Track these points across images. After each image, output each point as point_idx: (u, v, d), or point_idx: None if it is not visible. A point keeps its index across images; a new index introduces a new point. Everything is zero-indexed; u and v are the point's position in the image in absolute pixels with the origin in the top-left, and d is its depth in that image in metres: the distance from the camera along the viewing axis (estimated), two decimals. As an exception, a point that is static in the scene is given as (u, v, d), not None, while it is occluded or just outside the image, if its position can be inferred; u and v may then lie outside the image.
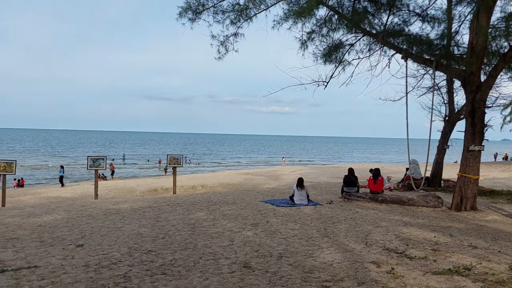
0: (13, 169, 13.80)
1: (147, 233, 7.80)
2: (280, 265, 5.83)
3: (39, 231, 8.01)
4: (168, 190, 22.27)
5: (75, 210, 10.72)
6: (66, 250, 6.56)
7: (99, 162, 15.53)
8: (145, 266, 5.72)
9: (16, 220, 9.15)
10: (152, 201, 12.27)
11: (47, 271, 5.48)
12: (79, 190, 22.29)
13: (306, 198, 11.68)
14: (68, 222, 8.98)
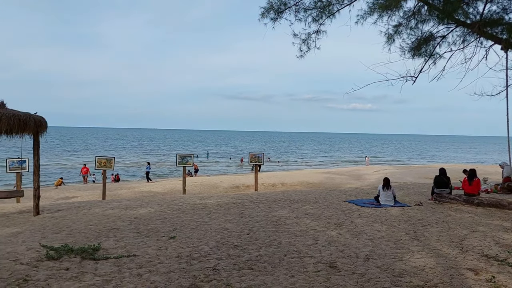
0: (112, 165, 15.11)
1: (232, 228, 8.05)
2: (368, 267, 5.66)
3: (135, 223, 8.67)
4: (249, 187, 22.75)
5: (166, 204, 11.41)
6: (160, 242, 7.01)
7: (186, 159, 16.37)
8: (233, 260, 5.91)
9: (116, 212, 10.00)
10: (235, 198, 12.63)
11: (144, 260, 5.91)
12: (168, 186, 23.67)
13: (392, 199, 11.19)
14: (160, 215, 9.60)
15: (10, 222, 9.03)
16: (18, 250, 6.52)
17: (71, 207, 10.97)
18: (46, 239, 7.33)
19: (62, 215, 9.70)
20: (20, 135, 9.93)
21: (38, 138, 10.02)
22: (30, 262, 5.82)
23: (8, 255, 6.20)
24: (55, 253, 6.13)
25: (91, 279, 5.06)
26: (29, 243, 6.97)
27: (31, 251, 6.47)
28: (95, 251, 6.30)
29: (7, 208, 11.39)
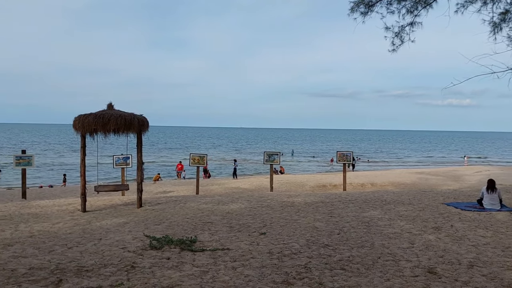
0: (205, 161, 15.88)
1: (322, 228, 7.98)
2: (472, 275, 5.23)
3: (227, 218, 9.01)
4: (336, 186, 22.35)
5: (255, 200, 11.68)
6: (252, 237, 7.20)
7: (273, 157, 16.59)
8: (324, 259, 5.86)
9: (209, 207, 10.49)
10: (323, 197, 12.49)
11: (237, 254, 6.12)
12: (255, 183, 24.20)
13: (498, 203, 10.20)
14: (250, 211, 9.85)
15: (118, 213, 9.95)
16: (125, 238, 7.16)
17: (169, 201, 11.75)
18: (148, 229, 7.95)
19: (162, 208, 10.43)
20: (125, 134, 10.88)
21: (141, 137, 10.89)
22: (136, 250, 6.35)
23: (117, 243, 6.84)
24: (157, 243, 6.62)
25: (190, 269, 5.37)
26: (134, 233, 7.62)
27: (136, 240, 7.06)
28: (192, 243, 6.67)
29: (114, 200, 12.56)
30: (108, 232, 7.76)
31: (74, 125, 10.21)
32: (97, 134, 10.69)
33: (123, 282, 4.85)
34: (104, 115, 10.03)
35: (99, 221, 8.86)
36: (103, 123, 10.03)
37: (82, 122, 10.04)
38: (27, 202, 12.82)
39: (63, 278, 5.01)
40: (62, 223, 8.64)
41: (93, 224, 8.58)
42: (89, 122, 10.01)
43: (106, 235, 7.44)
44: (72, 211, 10.34)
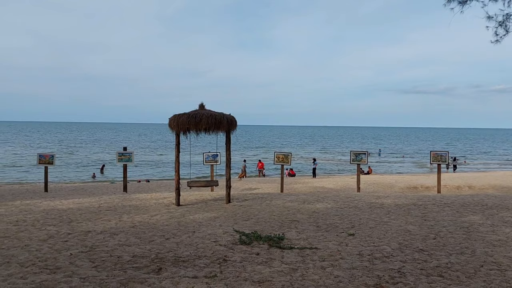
0: (289, 160, 15.95)
1: (415, 231, 7.56)
2: None
3: (314, 217, 8.96)
4: (429, 188, 21.03)
5: (342, 201, 11.46)
6: (340, 237, 7.08)
7: (361, 156, 16.10)
8: (419, 265, 5.55)
9: (295, 205, 10.52)
10: (415, 199, 11.84)
11: (326, 253, 6.06)
12: (340, 183, 23.71)
13: None
14: (337, 211, 9.69)
15: (208, 208, 10.42)
16: (217, 232, 7.48)
17: (255, 198, 12.01)
18: (237, 225, 8.21)
19: (249, 205, 10.70)
20: (215, 132, 11.35)
21: (229, 135, 11.27)
22: (227, 244, 6.60)
23: (209, 236, 7.17)
24: (247, 239, 6.82)
25: (279, 266, 5.44)
26: (224, 227, 7.92)
27: (226, 234, 7.33)
28: (280, 240, 6.75)
29: (204, 195, 13.18)
30: (201, 225, 8.17)
31: (170, 124, 10.89)
32: (190, 133, 11.29)
33: (216, 274, 5.07)
34: (197, 115, 10.56)
35: (192, 215, 9.36)
36: (195, 122, 10.57)
37: (177, 121, 10.68)
38: (128, 195, 13.99)
39: (162, 267, 5.38)
40: (159, 216, 9.28)
41: (187, 217, 9.09)
42: (183, 122, 10.61)
43: (199, 228, 7.84)
44: (167, 204, 11.06)
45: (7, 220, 8.68)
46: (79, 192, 16.57)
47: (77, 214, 9.46)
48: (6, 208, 10.62)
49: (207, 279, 4.92)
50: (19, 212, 9.80)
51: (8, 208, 10.62)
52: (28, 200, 12.52)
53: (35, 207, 10.69)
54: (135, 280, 4.84)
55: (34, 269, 5.25)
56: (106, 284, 4.71)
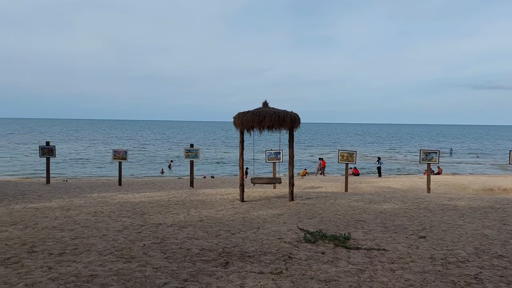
0: (354, 158, 15.58)
1: (493, 236, 7.05)
2: None
3: (381, 217, 8.68)
4: (507, 191, 19.52)
5: (410, 201, 10.98)
6: (410, 240, 6.79)
7: (431, 155, 15.31)
8: (498, 271, 5.17)
9: (360, 205, 10.27)
10: (492, 201, 11.04)
11: (395, 256, 5.84)
12: (408, 183, 22.71)
13: None
14: (406, 212, 9.30)
15: (272, 205, 10.49)
16: (281, 230, 7.51)
17: (319, 196, 11.89)
18: (301, 223, 8.18)
19: (313, 203, 10.62)
20: (278, 130, 11.38)
21: (292, 133, 11.25)
22: (292, 242, 6.60)
23: (274, 233, 7.22)
24: (312, 237, 6.77)
25: (346, 266, 5.33)
26: (288, 225, 7.93)
27: (291, 232, 7.34)
28: (346, 240, 6.62)
29: (267, 192, 13.29)
30: (265, 222, 8.25)
31: (234, 122, 11.10)
32: (253, 130, 11.43)
33: (282, 271, 5.09)
34: (260, 113, 10.66)
35: (256, 211, 9.48)
36: (259, 120, 10.68)
37: (241, 119, 10.86)
38: (194, 190, 14.49)
39: (229, 261, 5.51)
40: (224, 211, 9.51)
41: (251, 213, 9.22)
42: (247, 119, 10.77)
43: (263, 225, 7.92)
44: (232, 200, 11.30)
45: (87, 211, 9.37)
46: (149, 186, 17.43)
47: (148, 207, 9.97)
48: (85, 200, 11.46)
49: (273, 275, 4.95)
50: (97, 204, 10.53)
51: (87, 200, 11.45)
52: (104, 193, 13.41)
53: (110, 200, 11.43)
54: (203, 273, 5.00)
55: (111, 258, 5.62)
56: (177, 275, 4.91)
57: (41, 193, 13.29)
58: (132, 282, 4.63)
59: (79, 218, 8.47)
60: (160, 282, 4.65)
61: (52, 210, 9.50)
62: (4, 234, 6.94)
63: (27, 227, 7.60)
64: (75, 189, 15.09)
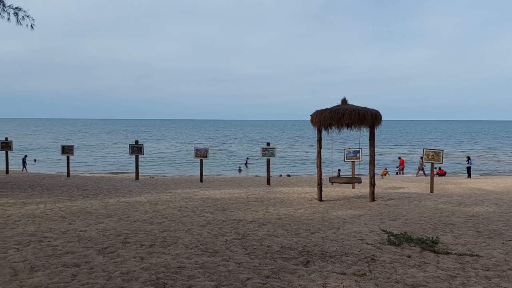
0: (440, 158, 14.63)
1: None
2: None
3: (472, 221, 8.06)
4: None
5: (506, 204, 10.08)
6: (507, 246, 6.22)
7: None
8: None
9: (448, 207, 9.62)
10: None
11: (490, 262, 5.39)
12: (502, 184, 20.79)
13: None
14: (501, 216, 8.54)
15: (351, 205, 10.24)
16: (362, 230, 7.30)
17: (401, 197, 11.36)
18: (384, 224, 7.88)
19: (395, 204, 10.17)
20: (357, 128, 11.07)
21: (373, 131, 10.87)
22: (374, 244, 6.38)
23: (355, 234, 7.04)
24: (396, 239, 6.49)
25: (435, 271, 5.03)
26: (370, 226, 7.68)
27: (373, 233, 7.10)
28: (434, 244, 6.24)
29: (346, 192, 13.00)
30: (345, 222, 8.08)
31: (312, 120, 11.01)
32: (332, 128, 11.24)
33: (365, 273, 4.95)
34: (339, 110, 10.46)
35: (335, 211, 9.32)
36: (338, 118, 10.48)
37: (319, 117, 10.74)
38: (271, 188, 14.65)
39: (310, 260, 5.48)
40: (303, 210, 9.48)
41: (330, 213, 9.09)
42: (325, 117, 10.63)
43: (343, 225, 7.77)
44: (309, 199, 11.23)
45: (173, 206, 9.92)
46: (228, 183, 17.97)
47: (229, 204, 10.28)
48: (171, 195, 12.13)
49: (356, 277, 4.83)
50: (181, 199, 11.09)
51: (172, 195, 12.12)
52: (187, 189, 14.10)
53: (193, 195, 11.98)
54: (285, 270, 5.03)
55: (196, 251, 5.88)
56: (259, 271, 5.00)
57: (131, 188, 14.33)
58: (217, 276, 4.80)
59: (166, 213, 8.99)
60: (243, 277, 4.77)
61: (142, 204, 10.19)
62: (101, 226, 7.60)
63: (120, 219, 8.24)
64: (161, 185, 16.04)
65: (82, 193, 12.60)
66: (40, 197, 11.56)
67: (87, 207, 9.69)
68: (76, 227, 7.40)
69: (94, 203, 10.47)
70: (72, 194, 12.43)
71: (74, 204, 10.27)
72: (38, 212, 8.96)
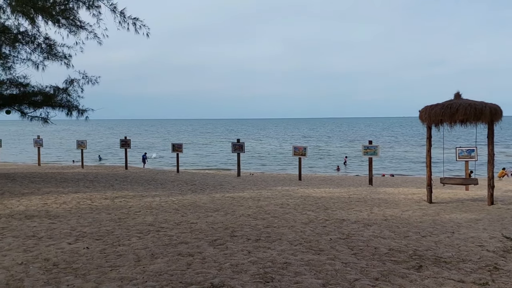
0: None
1: None
2: None
3: None
4: None
5: None
6: None
7: None
8: None
9: None
10: None
11: None
12: None
13: None
14: None
15: (466, 208, 9.39)
16: (481, 236, 6.65)
17: (527, 202, 10.11)
18: (507, 230, 7.10)
19: (519, 209, 9.10)
20: (474, 124, 10.12)
21: (492, 127, 9.85)
22: (496, 251, 5.78)
23: (472, 239, 6.45)
24: (522, 247, 5.80)
25: None
26: (490, 232, 6.97)
27: (494, 240, 6.43)
28: None
29: (459, 194, 11.98)
30: (460, 226, 7.44)
31: (421, 116, 10.34)
32: (443, 125, 10.44)
33: (487, 282, 4.50)
34: (452, 105, 9.66)
35: (448, 214, 8.64)
36: (450, 113, 9.69)
37: (428, 113, 10.04)
38: (374, 188, 14.11)
39: (422, 265, 5.15)
40: (411, 211, 8.96)
41: (442, 216, 8.45)
42: (435, 113, 9.90)
43: (458, 230, 7.16)
44: (417, 200, 10.57)
45: (274, 203, 10.10)
46: (327, 182, 17.75)
47: (330, 203, 10.15)
48: (272, 192, 12.37)
49: (477, 285, 4.42)
50: (282, 196, 11.25)
51: (273, 192, 12.35)
52: (287, 187, 14.25)
53: (293, 193, 12.06)
54: (395, 273, 4.80)
55: (301, 248, 5.91)
56: (367, 272, 4.85)
57: (234, 184, 14.94)
58: (324, 274, 4.77)
59: (268, 209, 9.19)
60: (351, 277, 4.66)
61: (245, 200, 10.56)
62: (210, 219, 8.04)
63: (227, 213, 8.63)
64: (261, 182, 16.46)
65: (191, 188, 13.47)
66: (155, 190, 12.64)
67: (196, 201, 10.34)
68: (188, 219, 7.94)
69: (202, 197, 11.12)
70: (182, 188, 13.36)
71: (185, 197, 11.03)
72: (154, 204, 9.81)
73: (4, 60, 14.93)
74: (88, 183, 14.17)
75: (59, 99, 15.71)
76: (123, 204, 9.77)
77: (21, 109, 16.07)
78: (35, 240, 6.29)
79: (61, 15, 13.65)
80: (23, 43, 14.66)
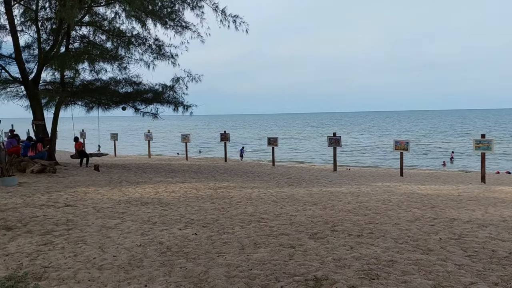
0: None
1: None
2: None
3: None
4: None
5: None
6: None
7: None
8: None
9: None
10: None
11: None
12: None
13: None
14: None
15: None
16: None
17: None
18: None
19: None
20: None
21: None
22: None
23: None
24: None
25: None
26: None
27: None
28: None
29: None
30: None
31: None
32: None
33: None
34: None
35: None
36: None
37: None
38: (487, 186, 12.85)
39: (553, 273, 4.55)
40: (535, 213, 7.98)
41: None
42: None
43: None
44: (542, 201, 9.38)
45: (375, 199, 9.74)
46: (432, 179, 16.61)
47: (437, 200, 9.48)
48: (371, 188, 11.95)
49: None
50: (383, 193, 10.79)
51: (372, 188, 11.92)
52: (387, 183, 13.64)
53: (395, 190, 11.50)
54: (519, 280, 4.32)
55: (407, 247, 5.61)
56: (484, 276, 4.43)
57: (331, 179, 14.73)
58: (434, 275, 4.47)
59: (369, 205, 8.89)
60: (466, 280, 4.30)
61: (344, 195, 10.35)
62: (308, 212, 8.03)
63: (325, 208, 8.55)
64: (359, 177, 15.99)
65: (287, 181, 13.61)
66: (253, 182, 13.02)
67: (293, 194, 10.41)
68: (287, 211, 8.04)
69: (299, 190, 11.16)
70: (279, 181, 13.56)
71: (282, 190, 11.17)
72: (253, 195, 10.10)
73: (120, 61, 16.57)
74: (192, 174, 15.12)
75: (166, 96, 16.99)
76: (225, 194, 10.23)
77: (135, 106, 17.70)
78: (150, 224, 6.89)
79: (168, 17, 14.70)
80: (136, 45, 16.10)
